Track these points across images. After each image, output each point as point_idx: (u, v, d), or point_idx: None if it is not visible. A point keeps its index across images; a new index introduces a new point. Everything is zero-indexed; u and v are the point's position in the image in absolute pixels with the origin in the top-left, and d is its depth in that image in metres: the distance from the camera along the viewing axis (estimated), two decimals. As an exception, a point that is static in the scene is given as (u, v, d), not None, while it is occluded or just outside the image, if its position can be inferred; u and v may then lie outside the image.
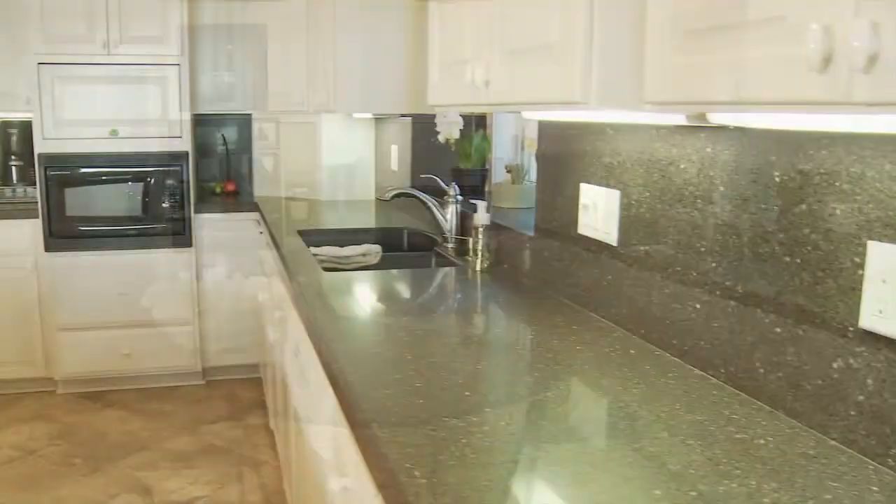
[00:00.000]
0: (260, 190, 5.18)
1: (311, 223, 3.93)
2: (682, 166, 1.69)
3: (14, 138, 4.93)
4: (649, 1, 1.22)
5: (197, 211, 4.74)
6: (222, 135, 5.26)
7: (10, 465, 3.92)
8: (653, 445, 1.29)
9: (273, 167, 5.12)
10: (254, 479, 3.76)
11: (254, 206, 4.78)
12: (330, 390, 1.76)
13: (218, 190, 5.19)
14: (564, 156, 2.26)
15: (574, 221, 2.21)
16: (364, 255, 3.11)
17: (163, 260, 4.72)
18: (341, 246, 3.27)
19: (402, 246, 3.65)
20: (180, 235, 4.70)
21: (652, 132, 1.80)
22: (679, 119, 1.49)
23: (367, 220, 4.14)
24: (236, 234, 4.80)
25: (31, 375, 4.78)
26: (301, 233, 3.53)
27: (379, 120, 4.76)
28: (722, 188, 1.56)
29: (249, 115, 5.21)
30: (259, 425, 4.36)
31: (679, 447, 1.28)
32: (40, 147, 4.53)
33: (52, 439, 4.20)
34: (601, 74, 1.31)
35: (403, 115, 4.15)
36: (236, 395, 4.82)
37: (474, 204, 2.77)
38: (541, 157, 2.44)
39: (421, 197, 3.18)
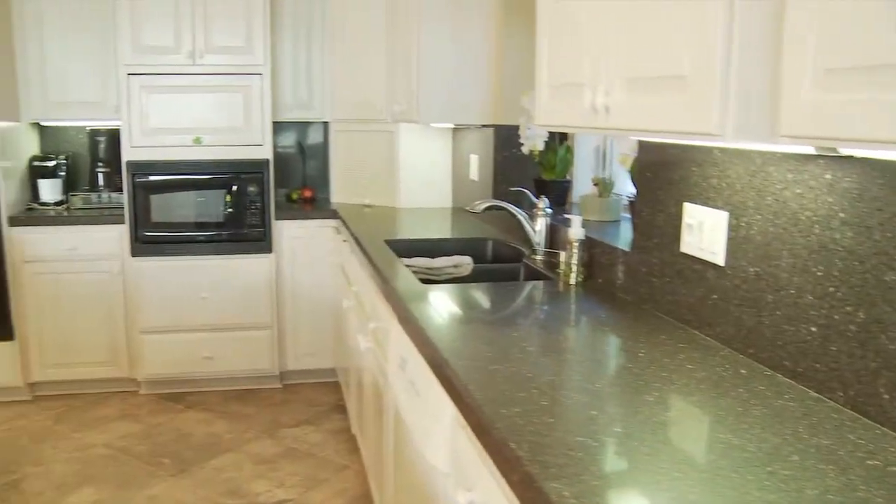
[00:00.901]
0: (336, 197, 5.27)
1: (395, 233, 3.99)
2: (798, 191, 1.72)
3: (102, 146, 5.08)
4: (786, 37, 1.26)
5: (277, 217, 4.84)
6: (299, 143, 5.36)
7: (104, 462, 4.06)
8: (786, 469, 1.32)
9: (349, 174, 5.20)
10: (337, 483, 3.84)
11: (332, 214, 4.87)
12: (449, 406, 1.82)
13: (295, 196, 5.29)
14: (666, 174, 2.29)
15: (675, 239, 2.24)
16: (455, 266, 3.16)
17: (243, 265, 4.83)
18: (432, 257, 3.33)
19: (486, 257, 3.69)
20: (260, 242, 4.81)
21: (765, 156, 1.83)
22: (804, 149, 1.52)
23: (447, 230, 4.19)
24: (315, 241, 4.90)
25: (116, 376, 4.93)
26: (388, 243, 3.59)
27: (457, 128, 4.81)
28: (842, 214, 1.59)
29: (326, 122, 5.30)
30: (339, 430, 4.44)
31: (812, 472, 1.31)
32: (128, 155, 4.67)
33: (140, 439, 4.33)
34: (737, 108, 1.35)
35: (485, 126, 4.20)
36: (314, 398, 4.91)
37: (568, 218, 2.81)
38: (639, 174, 2.47)
39: (512, 210, 3.23)
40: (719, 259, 2.02)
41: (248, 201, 4.75)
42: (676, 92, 1.50)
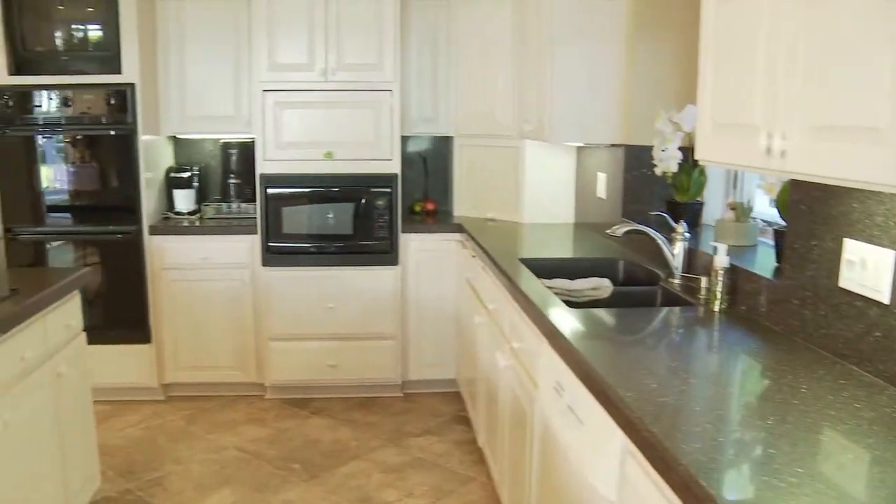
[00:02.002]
0: (458, 210, 5.35)
1: (526, 250, 4.04)
2: (980, 232, 1.71)
3: (234, 158, 5.28)
4: None
5: (403, 230, 4.94)
6: (423, 156, 5.45)
7: (237, 464, 4.22)
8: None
9: (472, 188, 5.27)
10: (465, 494, 3.91)
11: (457, 228, 4.94)
12: (619, 436, 1.85)
13: (417, 208, 5.39)
14: (823, 209, 2.28)
15: (832, 273, 2.23)
16: (595, 289, 3.19)
17: (370, 277, 4.95)
18: (567, 277, 3.37)
19: (618, 277, 3.71)
20: (387, 254, 4.92)
21: (943, 195, 1.82)
22: None
23: (576, 248, 4.23)
24: (440, 254, 4.99)
25: (244, 380, 5.11)
26: (524, 262, 3.64)
27: (583, 145, 4.83)
28: None
29: (450, 136, 5.38)
30: (463, 441, 4.51)
31: None
32: (261, 168, 4.84)
33: (269, 443, 4.48)
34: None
35: (613, 145, 4.22)
36: (435, 408, 5.00)
37: (713, 246, 2.82)
38: (792, 206, 2.46)
39: (652, 234, 3.24)
40: (884, 297, 2.01)
41: (376, 214, 4.86)
42: (868, 143, 1.51)
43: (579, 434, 2.18)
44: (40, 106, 4.78)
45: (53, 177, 4.93)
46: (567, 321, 2.55)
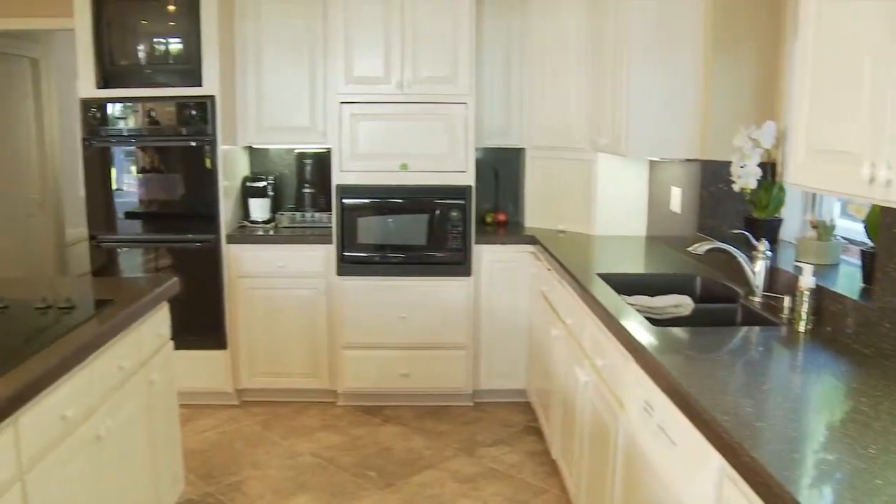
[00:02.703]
0: (529, 221, 5.37)
1: (602, 264, 4.06)
2: None
3: (308, 168, 5.38)
4: None
5: (476, 241, 4.98)
6: (494, 168, 5.49)
7: (313, 470, 4.30)
8: None
9: (544, 199, 5.29)
10: (540, 506, 3.94)
11: (530, 239, 4.96)
12: (716, 458, 1.87)
13: (489, 219, 5.43)
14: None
15: (929, 295, 2.22)
16: (676, 306, 3.20)
17: (443, 287, 5.00)
18: (646, 293, 3.38)
19: (695, 294, 3.69)
20: (460, 265, 4.97)
21: None
22: None
23: (650, 263, 4.24)
24: (512, 265, 5.02)
25: (316, 387, 5.20)
26: (602, 277, 3.65)
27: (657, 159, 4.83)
28: None
29: (522, 147, 5.41)
30: (535, 452, 4.54)
31: None
32: (337, 179, 4.92)
33: (344, 450, 4.55)
34: None
35: (688, 159, 4.21)
36: (505, 418, 5.03)
37: (798, 266, 2.82)
38: (884, 229, 2.45)
39: (733, 252, 3.24)
40: None
41: (449, 226, 4.91)
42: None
43: (671, 454, 2.20)
44: (124, 118, 4.93)
45: (135, 186, 5.07)
46: (653, 340, 2.57)
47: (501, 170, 5.57)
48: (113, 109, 4.93)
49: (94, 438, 2.76)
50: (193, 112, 4.87)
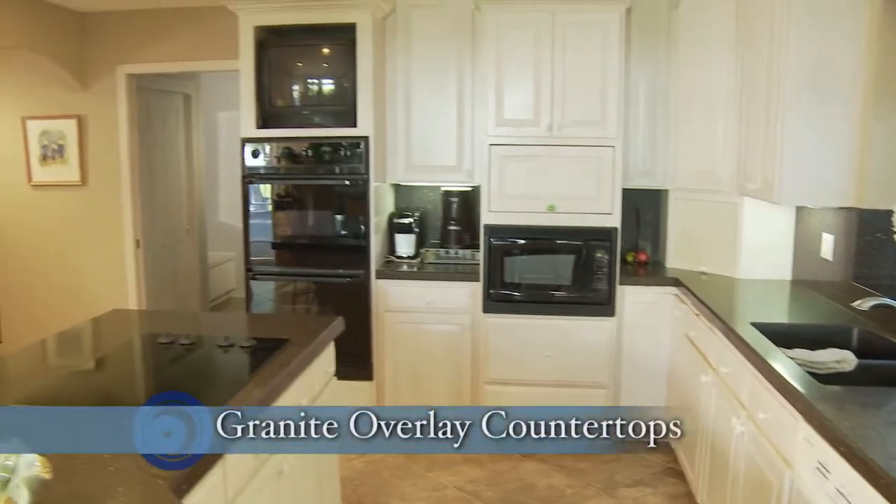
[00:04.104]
0: (671, 262, 5.39)
1: (755, 312, 4.06)
2: None
3: (454, 206, 5.53)
4: None
5: (620, 282, 5.04)
6: (636, 208, 5.53)
7: (461, 506, 4.42)
8: None
9: (686, 241, 5.30)
10: (689, 552, 3.96)
11: (673, 281, 4.98)
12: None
13: (630, 259, 5.48)
14: None
15: None
16: (839, 361, 3.19)
17: (586, 326, 5.06)
18: (806, 347, 3.37)
19: (850, 346, 3.64)
20: (604, 305, 5.03)
21: None
22: None
23: (798, 310, 4.21)
24: (655, 307, 5.05)
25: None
26: (756, 326, 3.65)
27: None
28: None
29: (662, 189, 5.44)
30: (676, 494, 4.55)
31: None
32: (486, 218, 5.06)
33: (487, 484, 4.65)
34: None
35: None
36: (645, 458, 5.04)
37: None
38: None
39: (903, 308, 3.22)
40: None
41: (594, 266, 4.98)
42: None
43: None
44: (282, 156, 5.18)
45: (289, 221, 5.32)
46: (825, 400, 2.57)
47: (642, 209, 5.60)
48: (271, 148, 5.18)
49: (278, 473, 2.93)
50: (348, 152, 5.09)
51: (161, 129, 7.12)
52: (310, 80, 5.38)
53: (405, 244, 5.48)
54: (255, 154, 5.20)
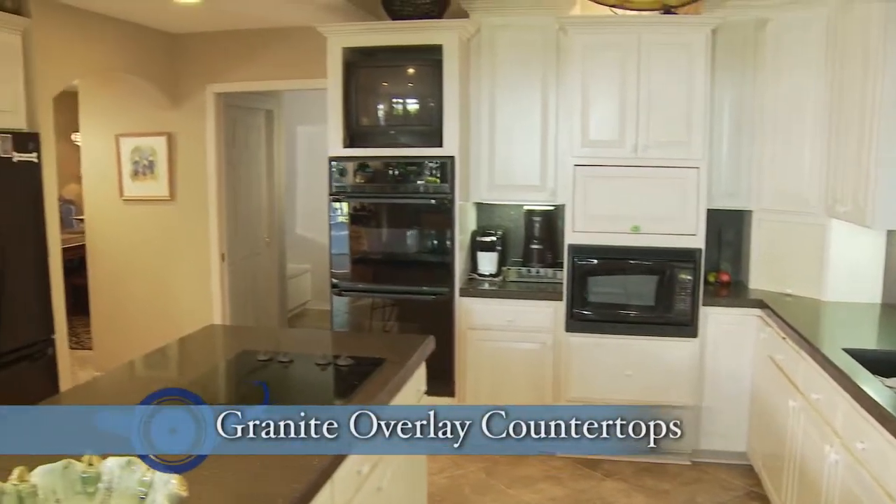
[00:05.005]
0: (754, 282, 5.35)
1: (847, 338, 4.02)
2: None
3: (536, 225, 5.59)
4: None
5: (703, 303, 5.03)
6: (718, 228, 5.50)
7: (543, 526, 4.45)
8: None
9: (770, 262, 5.27)
10: (777, 578, 3.94)
11: (757, 303, 4.95)
12: None
13: (711, 279, 5.46)
14: None
15: None
16: (942, 391, 3.16)
17: (668, 347, 5.07)
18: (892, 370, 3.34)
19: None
20: (687, 326, 5.03)
21: None
22: None
23: (887, 335, 4.16)
24: (738, 328, 5.02)
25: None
26: (849, 353, 3.63)
27: (895, 226, 4.73)
28: None
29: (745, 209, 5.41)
30: (763, 519, 4.54)
31: None
32: (570, 238, 5.11)
33: (569, 504, 4.69)
34: None
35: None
36: (725, 480, 5.02)
37: None
38: None
39: None
40: None
41: (678, 287, 4.99)
42: None
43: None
44: (368, 175, 5.29)
45: (374, 239, 5.42)
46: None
47: (723, 229, 5.58)
48: (357, 166, 5.30)
49: (377, 490, 3.01)
50: (434, 171, 5.18)
51: (244, 144, 7.30)
52: (395, 100, 5.50)
53: (487, 262, 5.54)
54: (341, 172, 5.32)
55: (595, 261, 5.10)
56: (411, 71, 5.44)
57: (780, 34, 5.00)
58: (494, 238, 5.57)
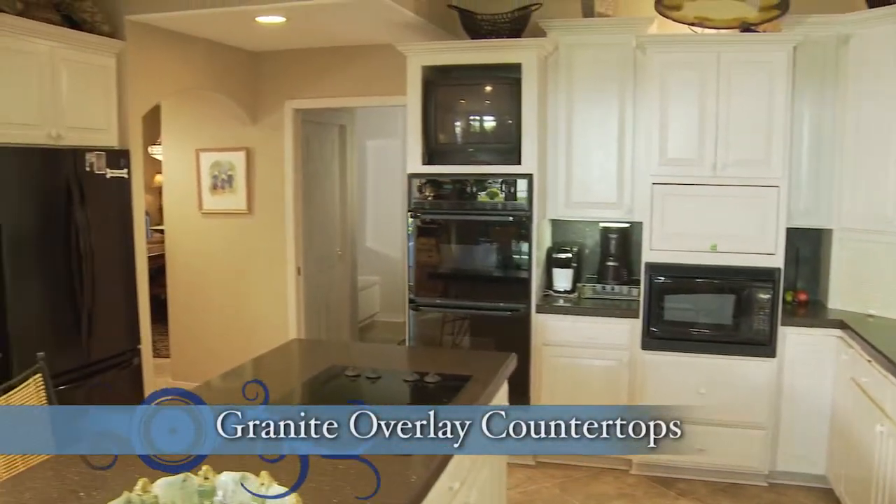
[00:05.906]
0: (833, 302, 5.28)
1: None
2: None
3: (613, 242, 5.61)
4: None
5: (782, 323, 5.00)
6: (795, 246, 5.45)
7: (622, 544, 4.46)
8: None
9: (851, 282, 5.20)
10: None
11: (838, 324, 4.88)
12: None
13: (789, 298, 5.41)
14: None
15: None
16: None
17: (745, 366, 5.03)
18: None
19: None
20: (764, 346, 4.99)
21: None
22: None
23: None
24: (818, 349, 4.96)
25: (610, 454, 5.35)
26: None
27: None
28: None
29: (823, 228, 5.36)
30: (844, 543, 4.48)
31: None
32: (647, 256, 5.12)
33: (645, 522, 4.68)
34: None
35: None
36: (802, 502, 4.97)
37: None
38: None
39: None
40: None
41: (756, 307, 4.96)
42: None
43: None
44: (447, 192, 5.37)
45: (449, 254, 5.50)
46: None
47: (801, 247, 5.52)
48: (436, 183, 5.37)
49: (464, 505, 3.07)
50: (512, 188, 5.23)
51: (319, 158, 7.42)
52: (472, 118, 5.56)
53: (563, 279, 5.57)
54: (420, 189, 5.40)
55: (672, 279, 5.10)
56: (489, 89, 5.50)
57: (864, 50, 4.95)
58: (570, 255, 5.59)
